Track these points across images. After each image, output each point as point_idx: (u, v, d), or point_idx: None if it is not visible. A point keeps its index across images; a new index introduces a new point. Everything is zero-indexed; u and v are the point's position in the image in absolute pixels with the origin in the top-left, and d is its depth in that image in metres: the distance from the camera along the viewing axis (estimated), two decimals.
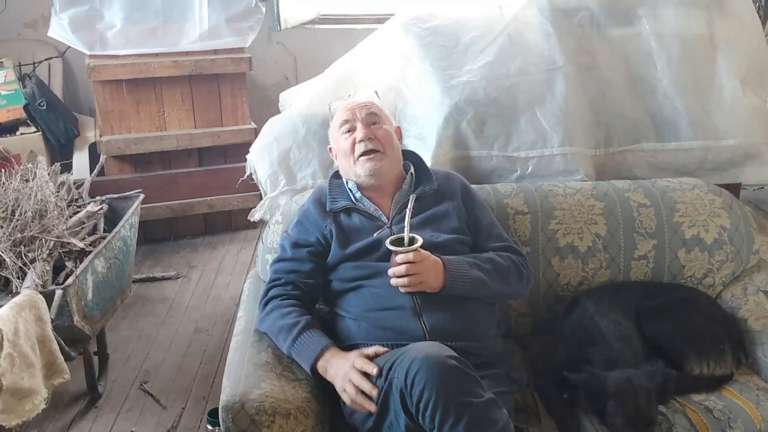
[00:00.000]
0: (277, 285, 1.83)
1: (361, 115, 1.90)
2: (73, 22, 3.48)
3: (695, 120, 2.49)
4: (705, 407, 1.73)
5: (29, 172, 2.62)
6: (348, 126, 1.90)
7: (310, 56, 4.34)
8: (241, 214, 3.80)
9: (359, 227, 1.84)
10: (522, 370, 1.83)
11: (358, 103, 1.95)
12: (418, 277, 1.68)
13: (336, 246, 1.82)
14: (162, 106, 3.70)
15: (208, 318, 3.09)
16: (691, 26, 2.55)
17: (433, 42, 2.49)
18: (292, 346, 1.70)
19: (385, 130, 1.91)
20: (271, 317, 1.78)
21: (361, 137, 1.86)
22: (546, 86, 2.44)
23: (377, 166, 1.86)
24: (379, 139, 1.87)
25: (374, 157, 1.86)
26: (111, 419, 2.42)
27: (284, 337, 1.72)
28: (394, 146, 1.92)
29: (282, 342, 1.73)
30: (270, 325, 1.78)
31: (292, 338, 1.70)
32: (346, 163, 1.91)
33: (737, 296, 2.07)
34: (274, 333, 1.76)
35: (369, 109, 1.93)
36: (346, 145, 1.89)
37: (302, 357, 1.69)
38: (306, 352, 1.68)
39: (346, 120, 1.91)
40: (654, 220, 2.12)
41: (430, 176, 1.94)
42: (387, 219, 1.86)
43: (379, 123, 1.91)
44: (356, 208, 1.88)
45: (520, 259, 1.86)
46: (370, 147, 1.86)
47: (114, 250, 2.54)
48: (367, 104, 1.95)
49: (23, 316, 1.97)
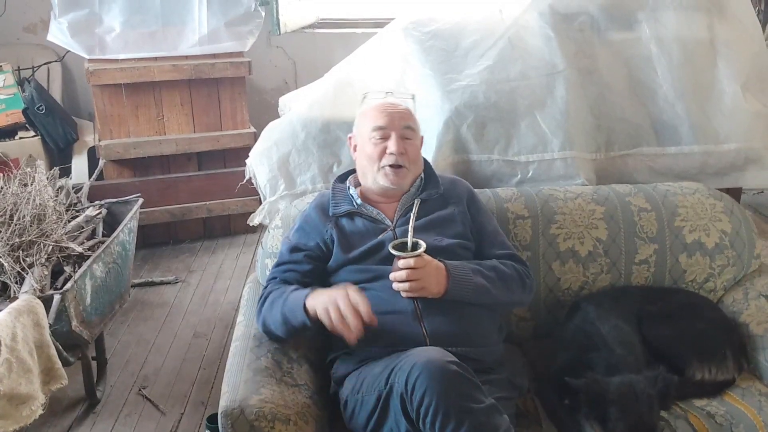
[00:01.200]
0: (272, 283, 1.83)
1: (399, 127, 1.85)
2: (72, 27, 3.47)
3: (696, 124, 2.49)
4: (707, 413, 1.72)
5: (28, 177, 2.61)
6: (382, 132, 1.85)
7: (309, 60, 4.34)
8: (240, 219, 3.79)
9: (362, 231, 1.83)
10: (523, 376, 1.82)
11: (398, 110, 1.89)
12: (419, 282, 1.67)
13: (338, 250, 1.81)
14: (161, 111, 3.70)
15: (207, 323, 3.08)
16: (691, 30, 2.54)
17: (434, 46, 2.49)
18: (284, 305, 1.69)
19: (415, 147, 1.89)
20: (266, 305, 1.77)
21: (393, 150, 1.82)
22: (546, 90, 2.44)
23: (399, 181, 1.85)
24: (408, 155, 1.85)
25: (399, 173, 1.84)
26: (109, 425, 2.41)
27: (278, 305, 1.72)
28: (419, 162, 1.91)
29: (277, 311, 1.72)
30: (266, 311, 1.77)
31: (284, 299, 1.71)
32: (368, 165, 1.87)
33: (738, 301, 2.07)
34: (269, 311, 1.75)
35: (407, 121, 1.88)
36: (374, 151, 1.85)
37: (293, 306, 1.67)
38: (296, 301, 1.68)
39: (382, 126, 1.85)
40: (655, 225, 2.11)
41: (437, 181, 1.93)
42: (391, 222, 1.85)
43: (412, 138, 1.88)
44: (359, 212, 1.87)
45: (524, 268, 1.85)
46: (398, 162, 1.83)
47: (113, 255, 2.53)
48: (406, 114, 1.90)
49: (21, 321, 1.96)
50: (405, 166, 1.84)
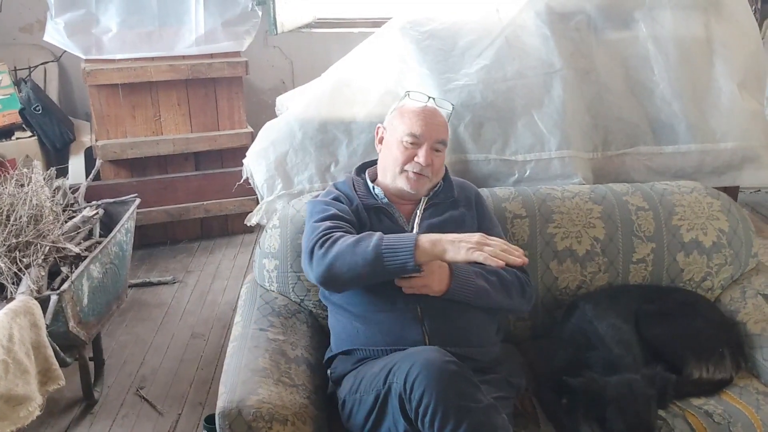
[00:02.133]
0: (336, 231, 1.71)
1: (433, 139, 1.85)
2: (68, 27, 3.46)
3: (693, 123, 2.49)
4: (705, 411, 1.73)
5: (24, 177, 2.61)
6: (415, 140, 1.84)
7: (306, 60, 4.33)
8: (237, 219, 3.79)
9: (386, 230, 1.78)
10: (521, 375, 1.82)
11: (435, 122, 1.88)
12: (421, 279, 1.67)
13: None
14: (158, 111, 3.69)
15: (205, 323, 3.07)
16: (688, 29, 2.54)
17: (431, 46, 2.49)
18: (381, 242, 1.61)
19: (441, 159, 1.89)
20: (342, 244, 1.65)
21: (421, 161, 1.82)
22: (543, 89, 2.44)
23: (418, 188, 1.86)
24: (434, 168, 1.86)
25: (420, 180, 1.85)
26: (107, 425, 2.41)
27: (366, 242, 1.62)
28: (441, 174, 1.92)
29: (366, 248, 1.61)
30: (342, 249, 1.63)
31: (378, 237, 1.63)
32: (391, 165, 1.87)
33: (736, 299, 2.07)
34: (351, 248, 1.63)
35: (441, 136, 1.88)
36: (402, 155, 1.84)
37: (399, 242, 1.61)
38: (403, 238, 1.62)
39: (416, 135, 1.84)
40: (652, 224, 2.12)
41: (451, 185, 1.94)
42: (408, 224, 1.86)
43: (441, 152, 1.89)
44: (384, 209, 1.87)
45: (525, 277, 1.86)
46: (423, 173, 1.84)
47: (110, 255, 2.52)
48: (442, 129, 1.90)
49: (18, 322, 1.95)
50: (428, 176, 1.85)
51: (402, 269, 1.61)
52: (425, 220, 1.83)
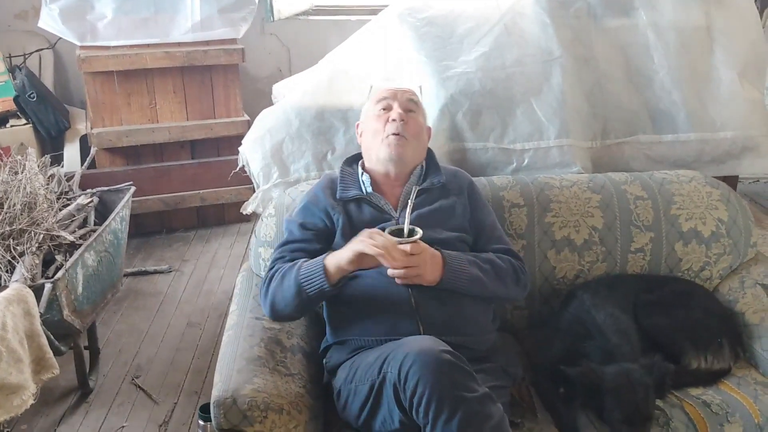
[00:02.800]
0: (279, 261, 1.79)
1: (402, 99, 1.88)
2: (63, 13, 3.44)
3: (692, 112, 2.48)
4: (703, 401, 1.72)
5: (18, 165, 2.59)
6: (385, 104, 1.88)
7: (303, 48, 4.31)
8: (233, 208, 3.77)
9: (367, 219, 1.80)
10: (517, 364, 1.82)
11: (402, 88, 1.94)
12: (415, 269, 1.65)
13: (340, 236, 1.78)
14: (154, 98, 3.67)
15: (201, 312, 3.06)
16: (688, 17, 2.53)
17: (429, 33, 2.47)
18: (298, 274, 1.67)
19: (418, 121, 1.89)
20: (275, 281, 1.74)
21: (395, 117, 1.83)
22: (542, 77, 2.42)
23: (400, 151, 1.83)
24: (409, 126, 1.84)
25: (400, 142, 1.83)
26: (102, 414, 2.40)
27: (290, 276, 1.69)
28: (420, 140, 1.90)
29: (290, 283, 1.69)
30: (275, 287, 1.73)
31: (297, 268, 1.69)
32: (372, 140, 1.87)
33: (735, 289, 2.06)
34: (279, 286, 1.72)
35: (411, 96, 1.92)
36: (377, 124, 1.86)
37: (310, 272, 1.66)
38: (312, 266, 1.67)
39: (386, 97, 1.89)
40: (651, 213, 2.10)
41: (439, 170, 1.92)
42: (396, 212, 1.84)
43: (415, 112, 1.89)
44: (367, 199, 1.85)
45: (520, 264, 1.84)
46: (399, 131, 1.83)
47: (104, 244, 2.51)
48: (410, 91, 1.94)
49: (11, 310, 1.94)
50: (405, 136, 1.83)
51: (322, 293, 1.67)
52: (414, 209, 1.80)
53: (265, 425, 1.48)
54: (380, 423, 1.54)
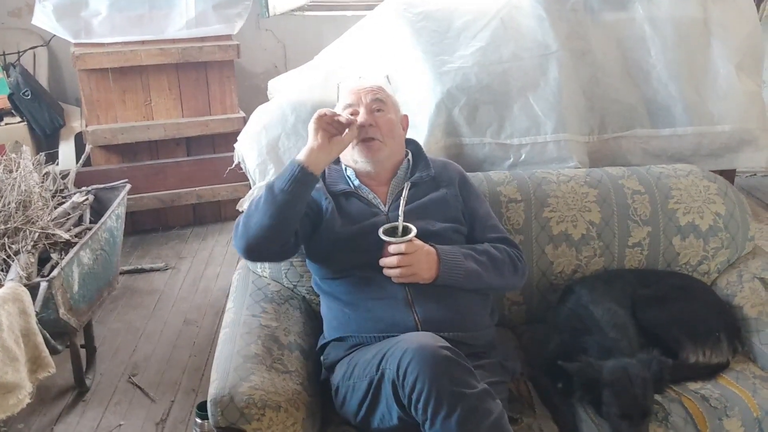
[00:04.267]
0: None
1: (366, 101, 1.83)
2: (57, 10, 3.42)
3: (690, 105, 2.47)
4: (701, 396, 1.72)
5: (13, 163, 2.58)
6: (351, 110, 1.83)
7: (299, 43, 4.29)
8: (230, 204, 3.75)
9: (356, 213, 1.80)
10: (516, 360, 1.81)
11: (365, 88, 1.87)
12: (410, 268, 1.65)
13: (331, 222, 1.76)
14: (149, 95, 3.65)
15: (198, 309, 3.05)
16: (685, 10, 2.52)
17: (425, 27, 2.46)
18: (271, 183, 1.66)
19: (388, 119, 1.84)
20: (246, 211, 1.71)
21: (362, 122, 1.79)
22: (539, 72, 2.41)
23: (374, 154, 1.81)
24: (379, 127, 1.81)
25: (372, 145, 1.80)
26: (99, 413, 2.39)
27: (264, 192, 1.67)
28: (395, 135, 1.86)
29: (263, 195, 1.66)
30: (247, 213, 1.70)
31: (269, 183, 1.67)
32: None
33: (732, 283, 2.06)
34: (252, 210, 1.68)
35: (375, 95, 1.86)
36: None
37: (281, 172, 1.66)
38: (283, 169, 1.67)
39: (350, 104, 1.84)
40: (648, 207, 2.10)
41: (427, 163, 1.90)
42: (384, 206, 1.83)
43: (383, 110, 1.84)
44: (355, 193, 1.84)
45: (516, 251, 1.83)
46: (369, 135, 1.80)
47: (100, 242, 2.50)
48: (375, 90, 1.88)
49: (7, 309, 1.93)
50: (377, 138, 1.81)
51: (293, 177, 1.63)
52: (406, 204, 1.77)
53: (263, 423, 1.47)
54: (378, 419, 1.54)
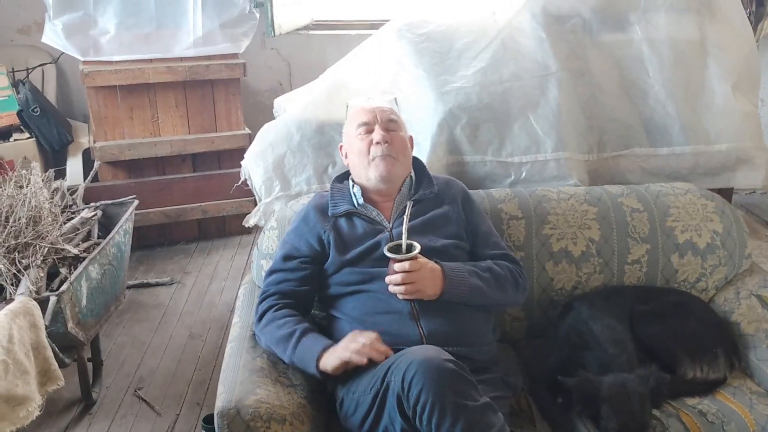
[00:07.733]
0: (268, 296, 1.83)
1: (381, 119, 1.91)
2: (66, 28, 3.47)
3: (687, 125, 2.51)
4: (698, 411, 1.74)
5: (23, 179, 2.62)
6: (366, 127, 1.90)
7: (304, 62, 4.34)
8: (235, 220, 3.79)
9: (359, 232, 1.84)
10: (517, 375, 1.84)
11: (379, 107, 1.96)
12: (415, 285, 1.68)
13: (335, 252, 1.82)
14: (156, 112, 3.70)
15: (203, 324, 3.08)
16: (682, 31, 2.56)
17: (427, 48, 2.50)
18: (293, 355, 1.69)
19: (401, 137, 1.92)
20: (268, 330, 1.77)
21: (378, 139, 1.86)
22: (539, 92, 2.45)
23: (389, 170, 1.86)
24: (394, 145, 1.88)
25: (388, 161, 1.86)
26: (105, 426, 2.41)
27: (283, 347, 1.72)
28: (407, 154, 1.94)
29: (282, 353, 1.72)
30: (268, 339, 1.77)
31: (292, 347, 1.70)
32: (359, 162, 1.91)
33: (730, 300, 2.08)
34: (273, 344, 1.75)
35: (389, 115, 1.94)
36: (361, 145, 1.89)
37: (305, 361, 1.68)
38: (308, 356, 1.67)
39: (366, 122, 1.91)
40: (647, 225, 2.13)
41: (431, 181, 1.95)
42: (388, 223, 1.87)
43: (396, 131, 1.92)
44: (357, 212, 1.88)
45: (517, 268, 1.87)
46: (385, 152, 1.86)
47: (108, 256, 2.53)
48: (388, 110, 1.96)
49: (17, 322, 1.96)
50: (392, 155, 1.87)
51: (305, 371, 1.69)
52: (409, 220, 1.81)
53: None
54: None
